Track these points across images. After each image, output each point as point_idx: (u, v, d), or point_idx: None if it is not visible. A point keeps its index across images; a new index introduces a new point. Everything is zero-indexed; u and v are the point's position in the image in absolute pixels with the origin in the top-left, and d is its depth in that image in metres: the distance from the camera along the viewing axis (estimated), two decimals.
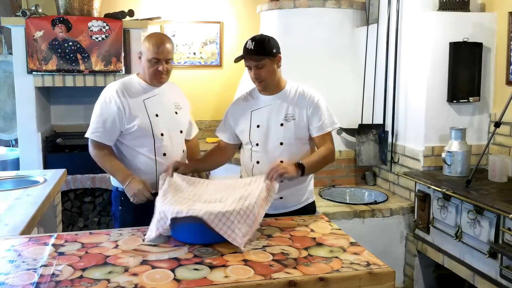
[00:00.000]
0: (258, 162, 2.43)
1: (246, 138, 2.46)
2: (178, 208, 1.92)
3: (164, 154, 2.47)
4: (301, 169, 2.25)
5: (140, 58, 2.48)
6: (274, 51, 2.35)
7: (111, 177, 2.55)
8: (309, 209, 2.52)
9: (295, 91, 2.44)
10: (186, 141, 2.69)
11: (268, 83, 2.38)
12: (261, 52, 2.31)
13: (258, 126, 2.42)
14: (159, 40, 2.43)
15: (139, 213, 2.36)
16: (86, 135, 2.46)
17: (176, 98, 2.62)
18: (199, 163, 2.58)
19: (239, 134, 2.50)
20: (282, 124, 2.39)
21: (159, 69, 2.42)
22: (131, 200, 2.37)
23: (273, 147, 2.40)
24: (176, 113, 2.56)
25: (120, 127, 2.42)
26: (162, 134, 2.46)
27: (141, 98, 2.47)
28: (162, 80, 2.49)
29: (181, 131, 2.59)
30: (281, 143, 2.39)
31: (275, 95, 2.43)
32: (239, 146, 2.59)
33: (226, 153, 2.59)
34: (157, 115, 2.46)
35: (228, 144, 2.56)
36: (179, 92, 2.69)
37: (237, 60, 2.39)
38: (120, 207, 2.53)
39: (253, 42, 2.33)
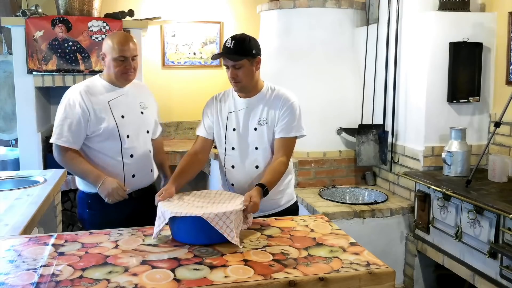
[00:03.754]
0: (233, 167, 2.37)
1: (221, 140, 2.39)
2: (178, 209, 1.94)
3: (131, 156, 2.46)
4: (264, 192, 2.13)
5: (103, 59, 2.44)
6: (254, 52, 2.25)
7: (77, 180, 2.52)
8: (292, 210, 2.49)
9: (271, 93, 2.35)
10: (152, 140, 2.67)
11: (245, 85, 2.29)
12: (240, 52, 2.22)
13: (234, 130, 2.35)
14: (123, 38, 2.41)
15: (108, 215, 2.38)
16: (51, 141, 2.39)
17: (142, 98, 2.59)
18: (180, 179, 2.27)
19: (215, 134, 2.42)
20: (255, 129, 2.32)
21: (127, 67, 2.40)
22: (106, 201, 2.35)
23: (249, 152, 2.34)
24: (142, 113, 2.54)
25: (85, 130, 2.38)
26: (128, 136, 2.44)
27: (106, 99, 2.43)
28: (130, 77, 2.47)
29: (147, 131, 2.57)
30: (256, 148, 2.33)
31: (251, 98, 2.35)
32: (214, 145, 2.48)
33: (201, 155, 2.41)
34: (123, 117, 2.44)
35: (204, 143, 2.41)
36: (145, 91, 2.66)
37: (214, 57, 2.33)
38: (87, 210, 2.49)
39: (233, 41, 2.23)
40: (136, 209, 2.44)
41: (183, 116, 5.20)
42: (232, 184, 2.39)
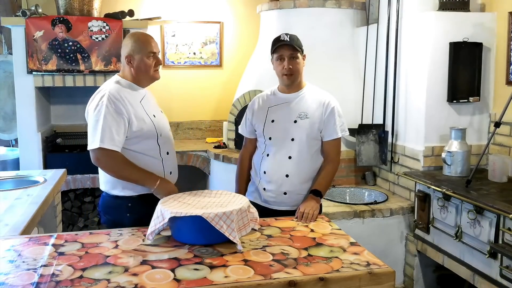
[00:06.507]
0: (268, 155, 2.49)
1: (260, 131, 2.53)
2: (177, 209, 1.93)
3: (167, 153, 2.46)
4: (320, 196, 2.43)
5: (131, 61, 2.36)
6: (302, 49, 2.46)
7: (109, 185, 2.38)
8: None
9: (313, 92, 2.52)
10: None
11: (296, 77, 2.46)
12: (296, 45, 2.43)
13: (272, 121, 2.49)
14: (147, 36, 2.43)
15: (150, 216, 2.17)
16: (95, 145, 2.22)
17: (154, 99, 2.61)
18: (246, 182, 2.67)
19: (255, 128, 2.57)
20: (295, 121, 2.45)
21: (157, 62, 2.41)
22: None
23: (285, 143, 2.46)
24: (161, 111, 2.58)
25: (125, 132, 2.29)
26: (161, 134, 2.44)
27: (137, 100, 2.39)
28: (158, 75, 2.47)
29: (169, 129, 2.59)
30: (292, 139, 2.45)
31: (292, 93, 2.50)
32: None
33: (252, 154, 2.65)
34: (154, 116, 2.44)
35: (251, 142, 2.63)
36: (151, 95, 2.64)
37: (275, 41, 2.47)
38: (128, 214, 2.36)
39: (288, 35, 2.45)
40: None
41: (183, 116, 5.19)
42: (264, 172, 2.50)
